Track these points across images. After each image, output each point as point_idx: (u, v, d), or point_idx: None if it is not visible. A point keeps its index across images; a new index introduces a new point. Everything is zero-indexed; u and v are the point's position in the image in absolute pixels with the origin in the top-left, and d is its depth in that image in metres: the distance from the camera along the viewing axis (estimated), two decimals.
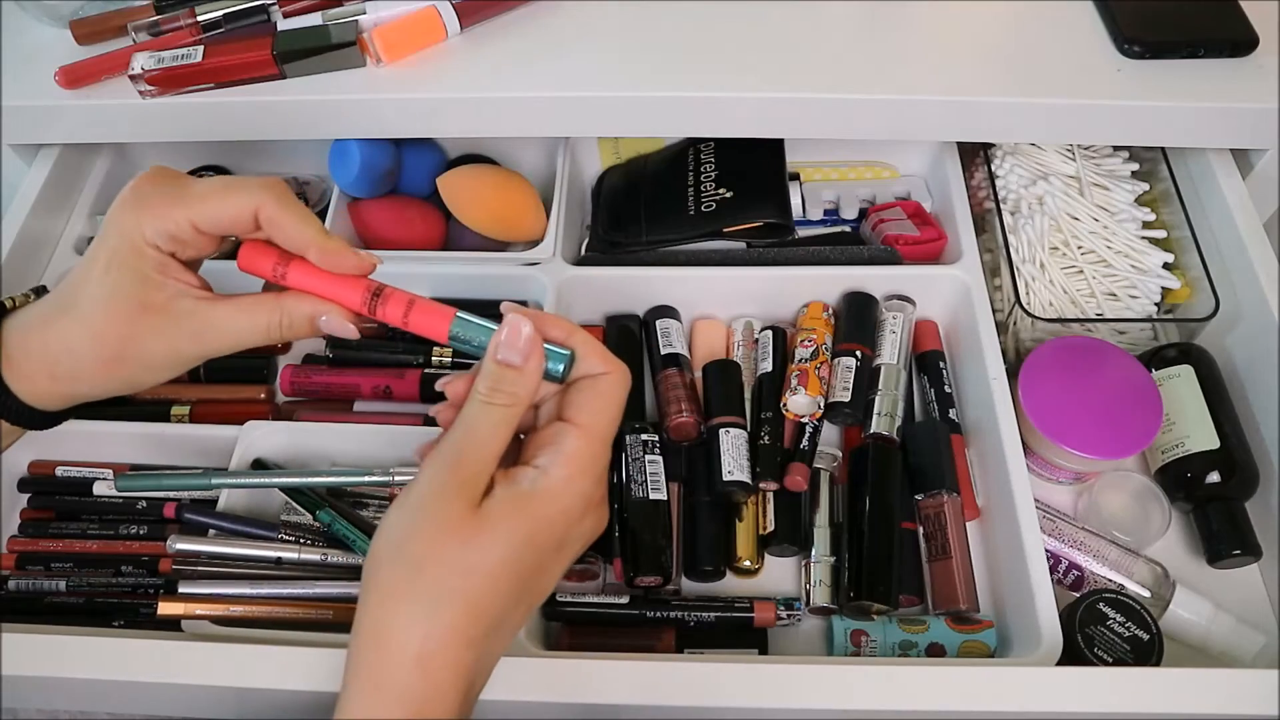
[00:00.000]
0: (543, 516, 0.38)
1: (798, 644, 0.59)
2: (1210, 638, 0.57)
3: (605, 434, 0.41)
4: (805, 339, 0.66)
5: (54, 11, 0.67)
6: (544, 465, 0.39)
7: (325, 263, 0.42)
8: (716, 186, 0.72)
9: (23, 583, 0.60)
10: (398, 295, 0.43)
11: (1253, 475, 0.60)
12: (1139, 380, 0.61)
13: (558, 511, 0.39)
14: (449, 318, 0.42)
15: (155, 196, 0.42)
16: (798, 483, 0.61)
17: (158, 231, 0.41)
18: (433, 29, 0.64)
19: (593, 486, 0.40)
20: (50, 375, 0.43)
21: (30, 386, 0.43)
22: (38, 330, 0.43)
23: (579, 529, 0.40)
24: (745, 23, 0.65)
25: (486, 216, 0.71)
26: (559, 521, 0.39)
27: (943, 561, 0.58)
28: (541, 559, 0.39)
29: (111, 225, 0.42)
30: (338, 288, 0.43)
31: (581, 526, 0.40)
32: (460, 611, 0.37)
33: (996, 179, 0.70)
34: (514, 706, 0.49)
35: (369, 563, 0.38)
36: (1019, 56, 0.63)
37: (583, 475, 0.40)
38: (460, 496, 0.38)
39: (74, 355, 0.42)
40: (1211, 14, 0.64)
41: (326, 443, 0.62)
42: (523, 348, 0.40)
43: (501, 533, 0.37)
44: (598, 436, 0.40)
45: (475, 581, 0.37)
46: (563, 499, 0.39)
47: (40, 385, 0.43)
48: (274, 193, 0.41)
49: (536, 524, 0.38)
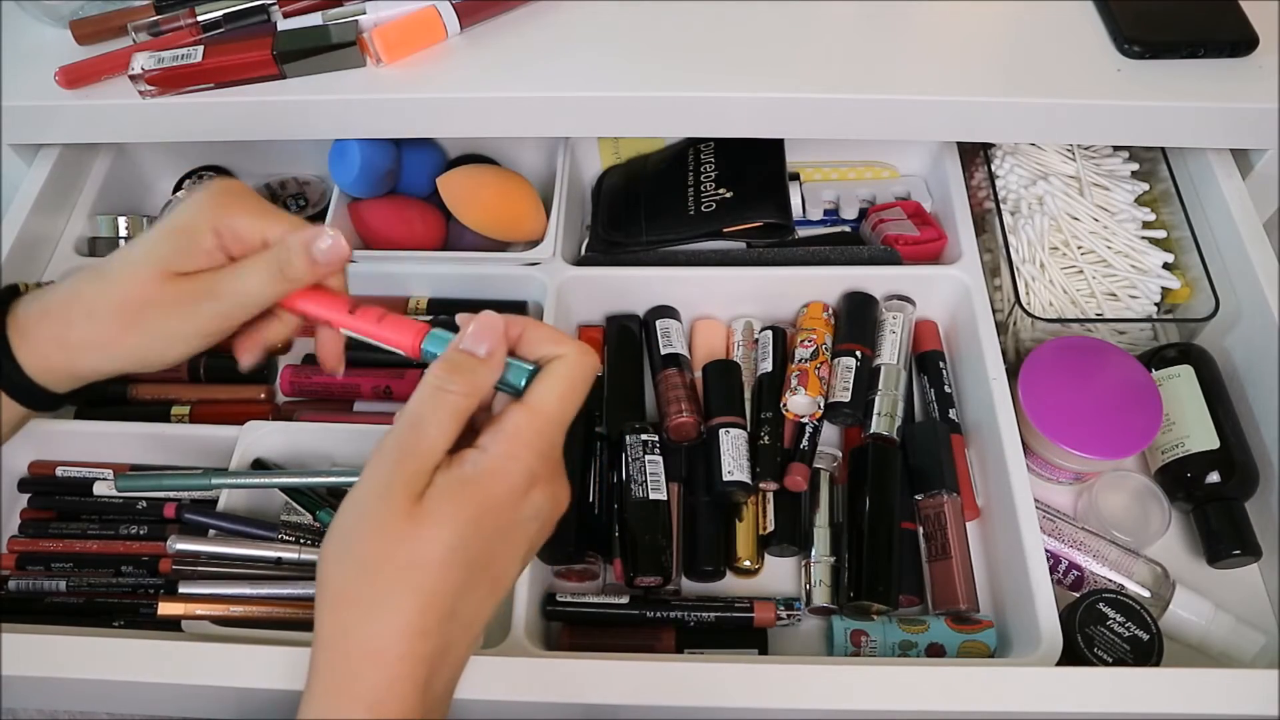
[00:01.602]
0: (486, 498, 0.37)
1: (798, 644, 0.59)
2: (1210, 638, 0.57)
3: (553, 411, 0.39)
4: (805, 339, 0.66)
5: (54, 11, 0.67)
6: (484, 444, 0.38)
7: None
8: (716, 186, 0.72)
9: (23, 583, 0.60)
10: (372, 309, 0.44)
11: (1253, 475, 0.60)
12: (1139, 380, 0.61)
13: (503, 491, 0.38)
14: (422, 332, 0.43)
15: (244, 198, 0.44)
16: (798, 483, 0.61)
17: (228, 224, 0.43)
18: (433, 29, 0.64)
19: (538, 462, 0.38)
20: (61, 343, 0.43)
21: (40, 360, 0.44)
22: (62, 294, 0.44)
23: (529, 506, 0.39)
24: (745, 23, 0.65)
25: (486, 216, 0.71)
26: (505, 501, 0.38)
27: (943, 561, 0.58)
28: (490, 542, 0.38)
29: (184, 206, 0.44)
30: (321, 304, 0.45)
31: (530, 503, 0.39)
32: (410, 605, 0.36)
33: (996, 179, 0.70)
34: (514, 706, 0.49)
35: (320, 565, 0.38)
36: (1019, 56, 0.63)
37: (526, 450, 0.38)
38: (403, 493, 0.37)
39: (92, 318, 0.43)
40: (1211, 14, 0.64)
41: (326, 443, 0.62)
42: (489, 340, 0.40)
43: (445, 522, 0.37)
44: (542, 413, 0.39)
45: (422, 575, 0.36)
46: (506, 478, 0.38)
47: (50, 356, 0.44)
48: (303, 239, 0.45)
49: (480, 508, 0.37)
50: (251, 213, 0.44)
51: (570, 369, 0.40)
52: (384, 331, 0.43)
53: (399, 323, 0.43)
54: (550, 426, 0.39)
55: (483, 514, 0.37)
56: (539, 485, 0.39)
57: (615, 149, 0.78)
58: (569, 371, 0.40)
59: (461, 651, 0.39)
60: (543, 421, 0.39)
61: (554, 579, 0.61)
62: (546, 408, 0.39)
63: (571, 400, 0.40)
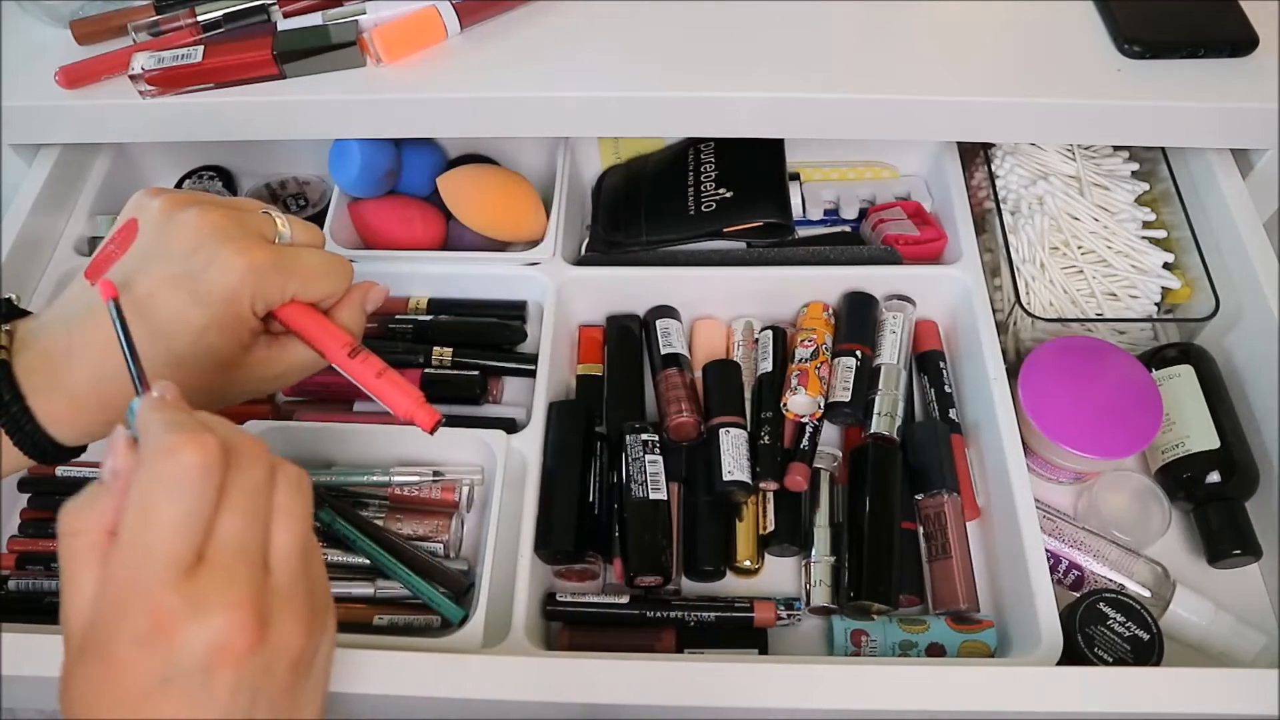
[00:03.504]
0: (103, 673, 0.30)
1: (798, 644, 0.59)
2: (1210, 638, 0.57)
3: (140, 550, 0.30)
4: (805, 339, 0.66)
5: (54, 11, 0.67)
6: (95, 607, 0.31)
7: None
8: (716, 186, 0.72)
9: (23, 583, 0.60)
10: (374, 359, 0.46)
11: (1253, 475, 0.60)
12: (1139, 380, 0.61)
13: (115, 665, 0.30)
14: (418, 402, 0.44)
15: (270, 274, 0.44)
16: (798, 483, 0.61)
17: (266, 304, 0.45)
18: (433, 29, 0.64)
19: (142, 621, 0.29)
20: (75, 402, 0.43)
21: (52, 410, 0.43)
22: (88, 373, 0.43)
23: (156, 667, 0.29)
24: (745, 22, 0.65)
25: (486, 216, 0.71)
26: (124, 674, 0.30)
27: (943, 561, 0.58)
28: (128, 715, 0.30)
29: (220, 292, 0.43)
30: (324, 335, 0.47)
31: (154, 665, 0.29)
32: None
33: (996, 179, 0.70)
34: (514, 706, 0.49)
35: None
36: (1019, 56, 0.63)
37: (124, 613, 0.30)
38: (64, 671, 0.32)
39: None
40: (1211, 14, 0.64)
41: (326, 443, 0.62)
42: (110, 462, 0.33)
43: (79, 704, 0.31)
44: (130, 557, 0.31)
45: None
46: (112, 648, 0.30)
47: (62, 412, 0.43)
48: (360, 291, 0.48)
49: (101, 684, 0.30)
50: (284, 280, 0.45)
51: (143, 484, 0.31)
52: (381, 387, 0.44)
53: (397, 384, 0.44)
54: (145, 562, 0.30)
55: (111, 689, 0.30)
56: (178, 632, 0.29)
57: (615, 149, 0.78)
58: (142, 487, 0.31)
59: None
60: (134, 559, 0.30)
61: (554, 579, 0.61)
62: (131, 541, 0.31)
63: (159, 519, 0.30)
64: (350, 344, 0.46)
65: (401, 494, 0.61)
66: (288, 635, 0.31)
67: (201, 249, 0.43)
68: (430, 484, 0.61)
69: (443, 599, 0.56)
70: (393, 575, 0.57)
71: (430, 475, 0.60)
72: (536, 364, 0.64)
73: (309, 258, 0.46)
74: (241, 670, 0.30)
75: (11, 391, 0.42)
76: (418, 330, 0.68)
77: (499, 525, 0.56)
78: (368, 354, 0.46)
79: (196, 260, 0.43)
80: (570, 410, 0.63)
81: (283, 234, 0.47)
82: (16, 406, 0.42)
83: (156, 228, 0.44)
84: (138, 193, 0.46)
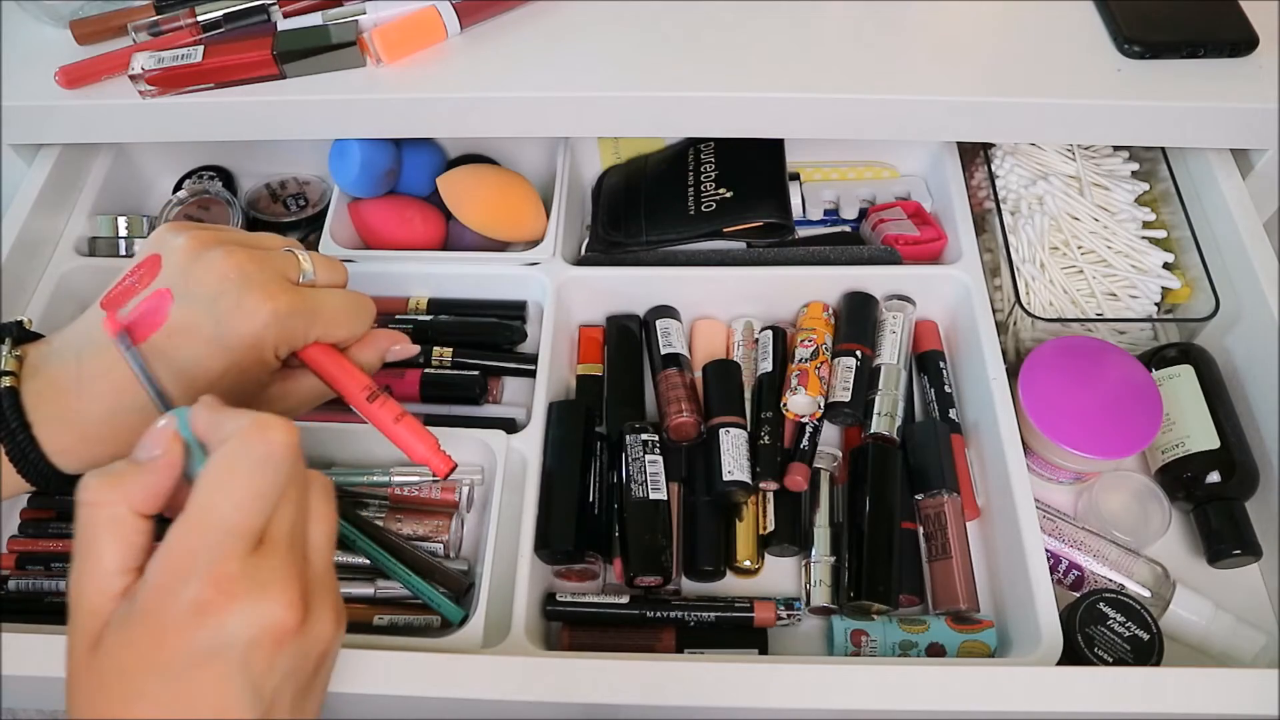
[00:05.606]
0: (152, 635, 0.31)
1: (798, 644, 0.59)
2: (1210, 638, 0.57)
3: (213, 515, 0.32)
4: (805, 339, 0.66)
5: (54, 11, 0.67)
6: (148, 568, 0.32)
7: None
8: (716, 186, 0.72)
9: (23, 583, 0.59)
10: (392, 404, 0.46)
11: (1253, 475, 0.60)
12: (1139, 380, 0.61)
13: (171, 622, 0.31)
14: (434, 449, 0.45)
15: (293, 320, 0.44)
16: (798, 483, 0.61)
17: (289, 348, 0.45)
18: (433, 29, 0.64)
19: (204, 588, 0.31)
20: (83, 435, 0.43)
21: (58, 440, 0.43)
22: (101, 411, 0.43)
23: (225, 634, 0.31)
24: (745, 22, 0.65)
25: (486, 216, 0.71)
26: (178, 634, 0.31)
27: (943, 561, 0.58)
28: (166, 684, 0.31)
29: (243, 339, 0.43)
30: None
31: (226, 630, 0.31)
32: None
33: (996, 179, 0.70)
34: (514, 706, 0.49)
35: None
36: (1019, 56, 0.63)
37: (183, 580, 0.31)
38: (79, 641, 0.32)
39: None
40: (1211, 14, 0.64)
41: (326, 443, 0.62)
42: (155, 444, 0.35)
43: (115, 673, 0.31)
44: (199, 525, 0.32)
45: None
46: (162, 615, 0.31)
47: (69, 444, 0.43)
48: (387, 339, 0.49)
49: (149, 648, 0.31)
50: (307, 326, 0.45)
51: (229, 457, 0.33)
52: (398, 433, 0.45)
53: (414, 430, 0.45)
54: (216, 537, 0.32)
55: (154, 655, 0.31)
56: (235, 603, 0.31)
57: (615, 149, 0.78)
58: (228, 460, 0.33)
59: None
60: (200, 536, 0.32)
61: (554, 579, 0.61)
62: (203, 512, 0.32)
63: (239, 492, 0.32)
64: (369, 387, 0.46)
65: (401, 494, 0.61)
66: (324, 627, 0.33)
67: (226, 294, 0.42)
68: (430, 484, 0.61)
69: (443, 599, 0.56)
70: (393, 575, 0.57)
71: (430, 475, 0.60)
72: (536, 364, 0.64)
73: (332, 300, 0.46)
74: (279, 653, 0.32)
75: (18, 419, 0.42)
76: (418, 330, 0.68)
77: (499, 525, 0.56)
78: (386, 398, 0.46)
79: (221, 306, 0.42)
80: (570, 410, 0.63)
81: (306, 272, 0.46)
82: (23, 435, 0.42)
83: (181, 269, 0.43)
84: (161, 228, 0.46)
